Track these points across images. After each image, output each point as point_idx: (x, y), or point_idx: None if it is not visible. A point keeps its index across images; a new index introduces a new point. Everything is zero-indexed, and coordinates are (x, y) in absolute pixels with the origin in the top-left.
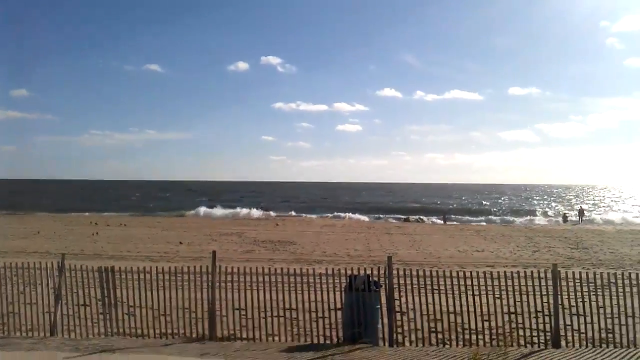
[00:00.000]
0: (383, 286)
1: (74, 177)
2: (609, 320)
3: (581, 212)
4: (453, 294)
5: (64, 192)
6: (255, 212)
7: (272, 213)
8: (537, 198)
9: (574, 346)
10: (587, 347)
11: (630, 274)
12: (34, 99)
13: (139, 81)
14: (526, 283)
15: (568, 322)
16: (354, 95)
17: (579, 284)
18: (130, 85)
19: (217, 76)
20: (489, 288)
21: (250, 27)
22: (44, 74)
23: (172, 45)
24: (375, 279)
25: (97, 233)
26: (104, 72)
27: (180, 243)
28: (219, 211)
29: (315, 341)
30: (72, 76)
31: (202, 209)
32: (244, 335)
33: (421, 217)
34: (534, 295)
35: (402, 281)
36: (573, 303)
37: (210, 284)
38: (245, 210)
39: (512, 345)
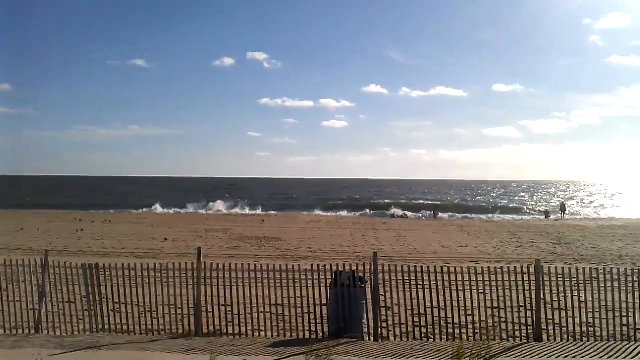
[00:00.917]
0: (368, 282)
1: (57, 173)
2: (589, 315)
3: (563, 208)
4: (437, 289)
5: (47, 188)
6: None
7: (237, 210)
8: (520, 194)
9: (555, 340)
10: (568, 340)
11: (611, 269)
12: (16, 93)
13: (123, 76)
14: (509, 278)
15: (550, 317)
16: (340, 92)
17: (561, 279)
18: (114, 81)
19: (202, 72)
20: (473, 283)
21: (236, 23)
22: (27, 69)
23: (157, 40)
24: (361, 274)
25: (81, 230)
26: (88, 67)
27: (165, 239)
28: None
29: (301, 336)
30: (55, 71)
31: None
32: (230, 331)
33: (406, 213)
34: (517, 290)
35: (387, 277)
36: (555, 298)
37: (195, 281)
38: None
39: (495, 339)
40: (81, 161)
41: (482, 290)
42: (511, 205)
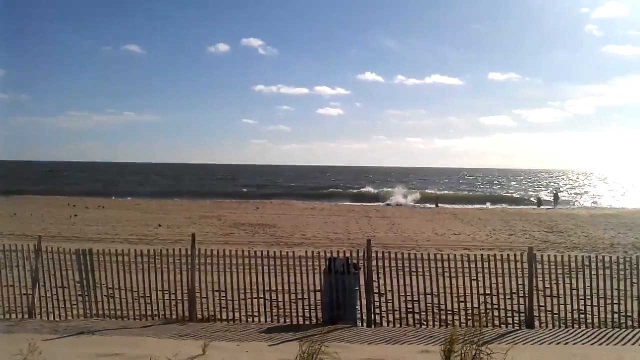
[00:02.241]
0: (362, 268)
1: (50, 158)
2: (581, 302)
3: (556, 197)
4: (430, 275)
5: (40, 174)
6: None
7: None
8: (514, 183)
9: (547, 326)
10: (559, 327)
11: (603, 257)
12: (9, 78)
13: (117, 61)
14: (502, 265)
15: (542, 304)
16: (335, 79)
17: (553, 266)
18: (108, 66)
19: (196, 58)
20: (466, 270)
21: (231, 8)
22: (20, 53)
23: (151, 25)
24: (355, 261)
25: (75, 215)
26: (82, 52)
27: (159, 226)
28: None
29: (295, 322)
30: (48, 56)
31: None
32: (224, 317)
33: (400, 201)
34: (510, 277)
35: (380, 263)
36: (547, 285)
37: (189, 266)
38: None
39: (487, 326)
40: (75, 147)
41: (474, 277)
42: (504, 194)
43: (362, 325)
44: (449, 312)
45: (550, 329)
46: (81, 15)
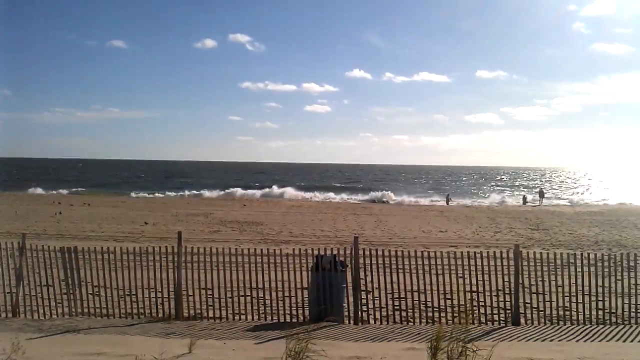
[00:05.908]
0: (349, 266)
1: (35, 155)
2: (566, 299)
3: (541, 194)
4: (417, 273)
5: (24, 171)
6: None
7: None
8: (500, 180)
9: (532, 323)
10: (545, 324)
11: (588, 254)
12: None
13: (102, 57)
14: (488, 263)
15: (528, 301)
16: (323, 76)
17: (539, 264)
18: (93, 62)
19: (183, 54)
20: (452, 267)
21: (218, 3)
22: (3, 49)
23: (137, 21)
24: (342, 258)
25: (59, 213)
26: (66, 48)
27: (146, 223)
28: None
29: (282, 320)
30: (32, 51)
31: None
32: (211, 315)
33: (385, 198)
34: (495, 274)
35: (367, 261)
36: (533, 282)
37: (176, 264)
38: None
39: (473, 323)
40: (59, 144)
41: (461, 275)
42: (490, 191)
43: (349, 322)
44: (435, 309)
45: (536, 326)
46: (66, 10)
